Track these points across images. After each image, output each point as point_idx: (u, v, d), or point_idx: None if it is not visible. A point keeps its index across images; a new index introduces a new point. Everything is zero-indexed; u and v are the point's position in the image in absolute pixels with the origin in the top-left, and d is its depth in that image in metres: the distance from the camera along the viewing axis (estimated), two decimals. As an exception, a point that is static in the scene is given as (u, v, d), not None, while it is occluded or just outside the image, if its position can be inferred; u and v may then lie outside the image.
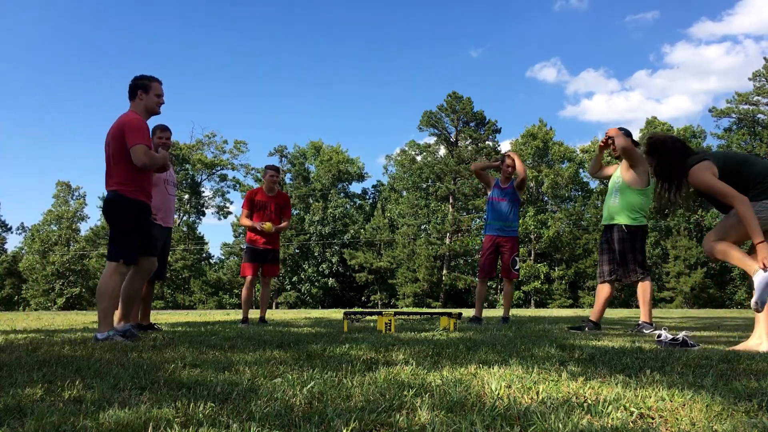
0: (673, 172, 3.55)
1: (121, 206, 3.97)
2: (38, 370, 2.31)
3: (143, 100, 4.08)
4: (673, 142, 3.65)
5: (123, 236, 3.97)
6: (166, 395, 1.78)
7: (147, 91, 4.09)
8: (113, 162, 3.97)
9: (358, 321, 6.24)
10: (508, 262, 6.32)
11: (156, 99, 4.14)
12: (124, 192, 3.95)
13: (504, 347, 3.24)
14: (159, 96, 4.15)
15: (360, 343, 3.43)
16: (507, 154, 6.49)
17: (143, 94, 4.08)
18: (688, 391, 1.77)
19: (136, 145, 3.86)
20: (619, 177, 5.10)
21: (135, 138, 3.87)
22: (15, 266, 47.78)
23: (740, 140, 41.63)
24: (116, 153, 3.95)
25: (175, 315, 13.29)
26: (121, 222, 3.98)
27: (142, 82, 4.11)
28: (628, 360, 2.61)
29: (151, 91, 4.10)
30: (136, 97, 4.09)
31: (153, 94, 4.11)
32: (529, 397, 1.74)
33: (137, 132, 3.88)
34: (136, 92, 4.09)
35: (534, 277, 42.05)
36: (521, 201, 6.64)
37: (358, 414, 1.48)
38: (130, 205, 3.97)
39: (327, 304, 45.58)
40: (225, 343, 3.55)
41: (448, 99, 46.66)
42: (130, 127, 3.90)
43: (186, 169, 49.82)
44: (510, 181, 6.48)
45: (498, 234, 6.41)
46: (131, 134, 3.87)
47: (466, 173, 44.05)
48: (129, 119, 3.95)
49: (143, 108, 4.09)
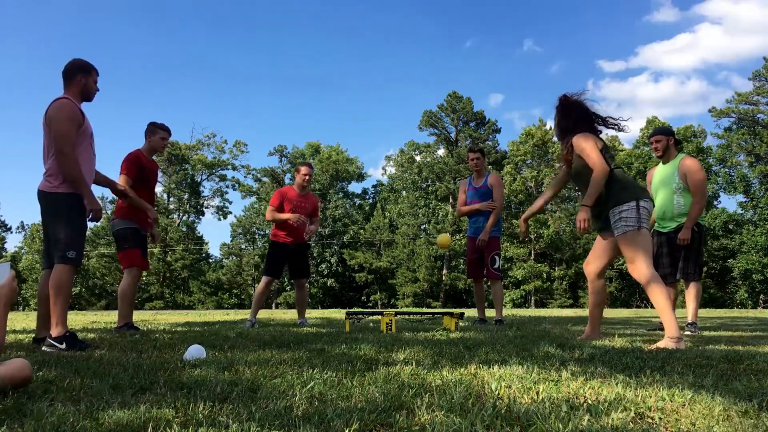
0: (566, 130, 3.85)
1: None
2: (37, 370, 2.31)
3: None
4: (580, 108, 3.85)
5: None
6: (166, 395, 1.77)
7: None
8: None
9: (360, 321, 6.24)
10: (488, 262, 6.21)
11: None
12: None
13: (504, 347, 3.24)
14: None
15: (360, 343, 3.43)
16: (470, 150, 6.44)
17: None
18: (688, 391, 1.76)
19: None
20: (676, 178, 5.08)
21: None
22: (15, 266, 47.78)
23: (740, 140, 41.64)
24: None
25: (175, 315, 13.30)
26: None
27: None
28: (628, 360, 2.61)
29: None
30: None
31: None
32: (529, 397, 1.74)
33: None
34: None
35: (534, 277, 42.06)
36: (494, 197, 6.28)
37: (358, 414, 1.47)
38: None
39: (327, 304, 45.58)
40: (225, 343, 3.55)
41: (448, 99, 46.69)
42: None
43: (186, 169, 49.85)
44: (484, 179, 6.33)
45: (474, 236, 6.32)
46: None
47: (467, 173, 44.04)
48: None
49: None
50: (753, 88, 41.30)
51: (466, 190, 6.48)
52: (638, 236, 3.53)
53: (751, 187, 41.57)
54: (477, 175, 6.39)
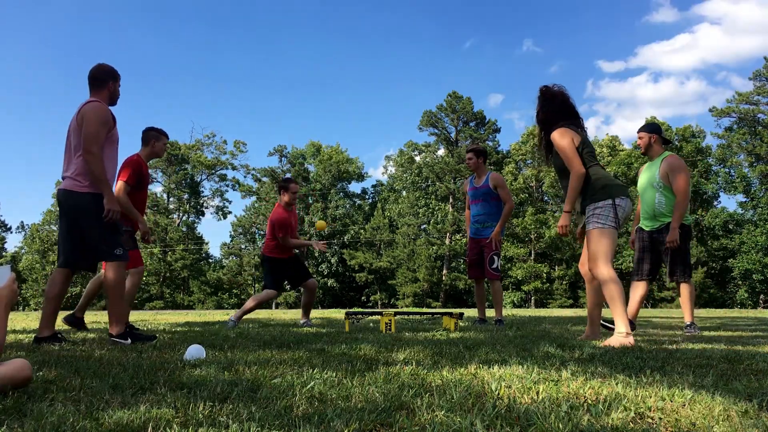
0: (546, 122, 3.86)
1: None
2: (37, 370, 2.31)
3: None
4: (561, 101, 3.86)
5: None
6: (166, 395, 1.77)
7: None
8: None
9: (359, 321, 6.25)
10: (487, 262, 6.16)
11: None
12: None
13: (504, 347, 3.24)
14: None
15: (360, 343, 3.43)
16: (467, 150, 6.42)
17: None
18: (688, 391, 1.76)
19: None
20: (657, 177, 5.04)
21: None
22: (15, 266, 47.79)
23: (741, 140, 41.64)
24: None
25: (175, 315, 13.30)
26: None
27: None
28: (628, 360, 2.61)
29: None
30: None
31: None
32: (529, 397, 1.74)
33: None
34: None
35: (534, 277, 42.05)
36: (501, 198, 6.22)
37: (358, 414, 1.47)
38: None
39: (326, 304, 45.57)
40: (225, 343, 3.55)
41: (448, 99, 46.69)
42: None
43: (185, 169, 49.84)
44: (484, 179, 6.26)
45: (475, 236, 6.29)
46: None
47: (467, 173, 44.01)
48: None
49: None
50: (753, 87, 41.31)
51: (467, 190, 6.46)
52: (606, 235, 3.54)
53: (751, 187, 41.57)
54: (477, 175, 6.36)
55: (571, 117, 3.85)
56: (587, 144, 3.75)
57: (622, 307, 3.49)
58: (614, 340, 3.42)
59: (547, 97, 3.88)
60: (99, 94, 3.82)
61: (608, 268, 3.53)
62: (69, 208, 3.71)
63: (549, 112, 3.85)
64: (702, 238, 42.11)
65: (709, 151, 44.13)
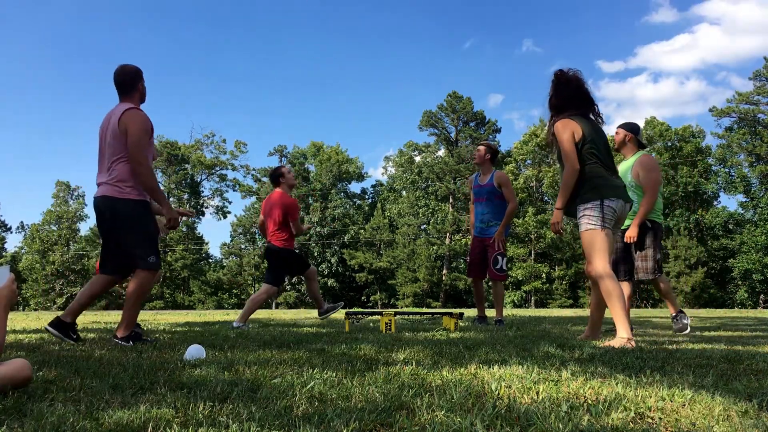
0: (557, 108, 3.74)
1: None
2: (37, 370, 2.31)
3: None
4: (576, 86, 3.73)
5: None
6: (166, 395, 1.77)
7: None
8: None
9: (359, 321, 6.24)
10: (491, 262, 6.05)
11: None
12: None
13: (504, 347, 3.24)
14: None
15: (360, 343, 3.43)
16: (478, 147, 6.31)
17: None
18: (688, 391, 1.76)
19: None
20: (629, 176, 4.96)
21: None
22: (14, 266, 47.79)
23: (741, 140, 41.63)
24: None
25: (175, 315, 13.30)
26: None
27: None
28: (628, 360, 2.61)
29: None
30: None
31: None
32: (529, 397, 1.74)
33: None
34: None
35: (534, 277, 42.05)
36: (505, 197, 6.12)
37: (358, 414, 1.47)
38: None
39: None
40: (225, 343, 3.55)
41: (448, 99, 46.69)
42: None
43: (185, 169, 49.84)
44: (489, 177, 6.16)
45: (479, 235, 6.19)
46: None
47: (467, 173, 44.02)
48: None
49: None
50: (753, 87, 41.30)
51: (472, 186, 6.36)
52: (597, 235, 3.51)
53: (752, 187, 41.57)
54: (482, 172, 6.25)
55: (584, 104, 3.74)
56: (591, 140, 3.62)
57: (622, 309, 3.45)
58: (615, 340, 3.41)
59: (562, 81, 3.75)
60: (131, 97, 3.84)
61: (603, 265, 3.49)
62: (108, 214, 3.72)
63: (561, 98, 3.72)
64: (702, 238, 42.10)
65: (709, 151, 44.13)
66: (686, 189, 42.71)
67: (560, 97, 3.73)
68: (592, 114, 3.78)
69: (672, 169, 42.73)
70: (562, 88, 3.74)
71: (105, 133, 3.77)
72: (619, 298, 3.45)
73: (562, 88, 3.74)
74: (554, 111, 3.76)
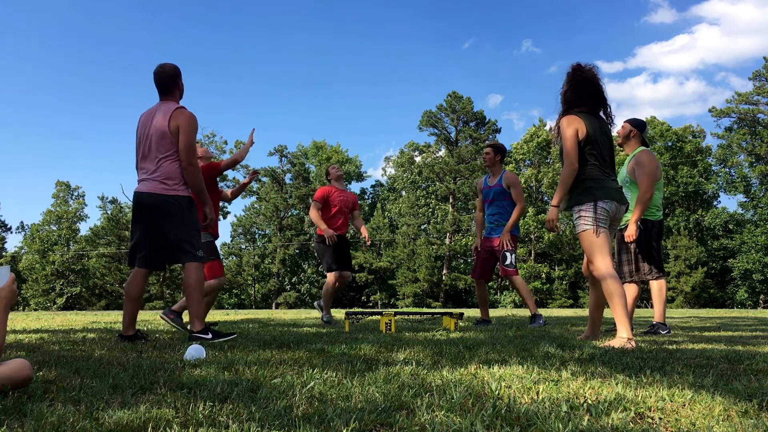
0: (569, 102, 3.71)
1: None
2: (37, 370, 2.31)
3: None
4: (592, 84, 3.70)
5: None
6: (166, 395, 1.77)
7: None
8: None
9: (359, 321, 6.24)
10: (500, 259, 5.96)
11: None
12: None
13: (504, 347, 3.24)
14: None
15: (360, 343, 3.43)
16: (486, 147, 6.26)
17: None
18: (688, 391, 1.76)
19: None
20: (624, 171, 4.95)
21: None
22: (14, 266, 47.77)
23: (741, 140, 41.64)
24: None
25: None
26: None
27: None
28: (628, 360, 2.61)
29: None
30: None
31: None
32: (529, 397, 1.74)
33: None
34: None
35: (534, 277, 42.05)
36: (514, 198, 6.04)
37: (358, 414, 1.47)
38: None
39: (327, 304, 45.50)
40: (225, 343, 3.55)
41: (448, 99, 46.70)
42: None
43: (186, 169, 49.78)
44: (498, 178, 6.08)
45: (487, 236, 6.15)
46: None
47: (467, 173, 44.05)
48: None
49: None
50: (753, 88, 41.32)
51: (481, 189, 6.29)
52: (594, 236, 3.50)
53: (752, 187, 41.57)
54: (492, 173, 6.18)
55: (596, 102, 3.71)
56: (594, 140, 3.59)
57: (623, 309, 3.43)
58: (615, 340, 3.41)
59: (577, 76, 3.72)
60: (174, 95, 3.95)
61: (605, 265, 3.48)
62: (153, 209, 3.77)
63: (574, 93, 3.69)
64: (702, 238, 42.11)
65: (709, 151, 44.14)
66: (686, 189, 42.72)
67: (575, 92, 3.69)
68: (602, 113, 3.76)
69: (672, 169, 42.74)
70: (579, 84, 3.71)
71: (148, 130, 3.82)
72: (620, 298, 3.44)
73: (579, 84, 3.71)
74: (566, 105, 3.73)
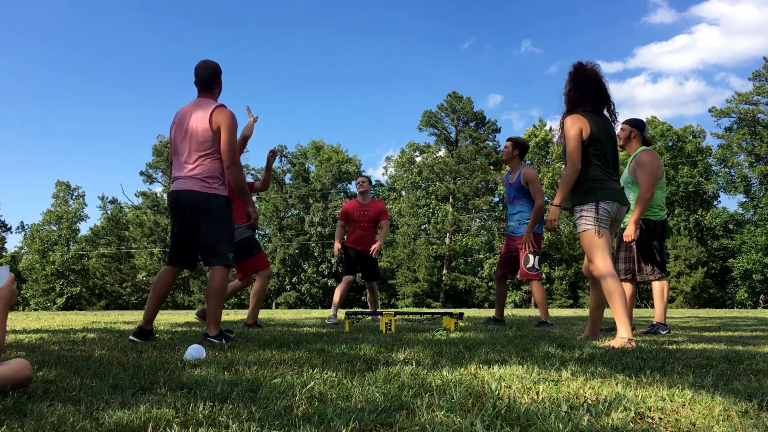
0: (572, 101, 3.70)
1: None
2: (37, 370, 2.31)
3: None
4: (594, 82, 3.70)
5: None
6: (166, 395, 1.77)
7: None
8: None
9: (359, 321, 6.25)
10: (521, 261, 5.80)
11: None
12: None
13: (504, 347, 3.24)
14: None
15: (360, 343, 3.43)
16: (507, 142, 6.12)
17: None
18: (688, 391, 1.76)
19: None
20: (626, 171, 4.94)
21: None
22: (14, 266, 47.76)
23: (741, 140, 41.64)
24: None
25: (175, 315, 13.29)
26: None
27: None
28: (628, 360, 2.61)
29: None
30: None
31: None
32: (529, 397, 1.74)
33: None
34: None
35: (534, 277, 41.97)
36: (532, 194, 5.87)
37: (358, 414, 1.47)
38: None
39: (327, 304, 45.52)
40: (225, 343, 3.55)
41: (448, 99, 46.68)
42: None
43: (186, 169, 49.77)
44: (517, 174, 5.92)
45: (510, 234, 6.02)
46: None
47: (466, 173, 44.03)
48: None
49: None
50: (753, 88, 41.31)
51: (505, 186, 6.19)
52: (595, 236, 3.51)
53: (752, 187, 41.57)
54: (512, 170, 6.05)
55: (600, 100, 3.70)
56: (598, 139, 3.58)
57: (623, 309, 3.43)
58: (615, 340, 3.41)
59: (580, 75, 3.71)
60: (213, 93, 3.93)
61: (605, 264, 3.48)
62: (190, 207, 3.71)
63: (578, 91, 3.69)
64: (702, 238, 42.10)
65: (709, 151, 44.14)
66: (686, 189, 42.71)
67: (579, 91, 3.69)
68: (606, 110, 3.76)
69: (672, 169, 42.74)
70: (582, 82, 3.70)
71: (186, 128, 3.76)
72: (620, 298, 3.44)
73: (582, 82, 3.70)
74: (570, 104, 3.73)
